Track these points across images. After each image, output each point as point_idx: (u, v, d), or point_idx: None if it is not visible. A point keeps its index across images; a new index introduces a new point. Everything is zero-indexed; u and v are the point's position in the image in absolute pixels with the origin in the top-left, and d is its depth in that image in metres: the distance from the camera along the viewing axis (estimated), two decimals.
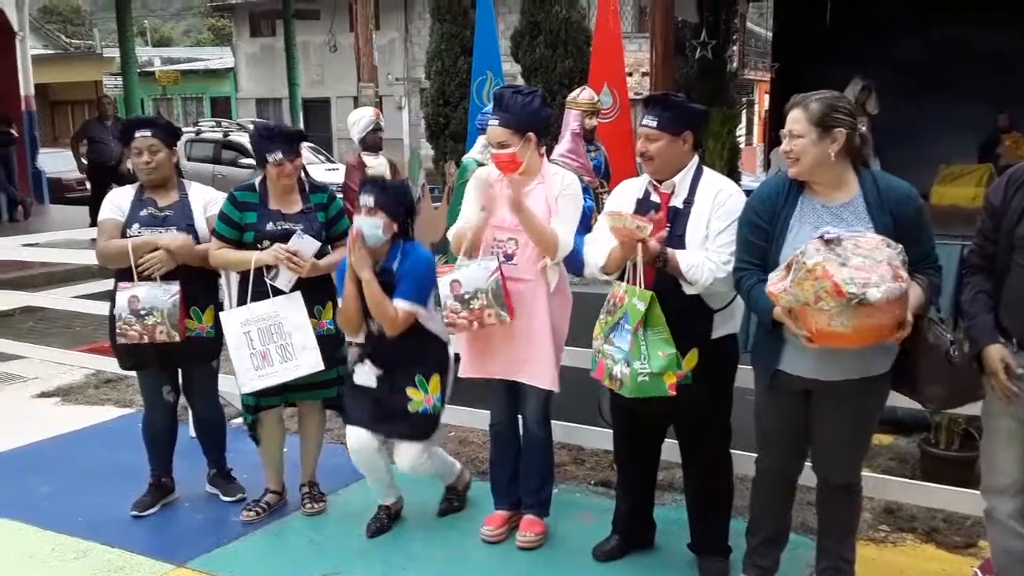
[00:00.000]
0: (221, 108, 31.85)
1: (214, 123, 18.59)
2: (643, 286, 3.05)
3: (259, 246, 3.66)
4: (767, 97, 14.61)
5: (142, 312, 3.68)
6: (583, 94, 5.43)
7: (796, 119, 2.80)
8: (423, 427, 3.61)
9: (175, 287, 3.70)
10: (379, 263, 3.52)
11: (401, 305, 3.46)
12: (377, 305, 3.45)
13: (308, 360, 3.68)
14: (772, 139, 7.55)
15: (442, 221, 6.46)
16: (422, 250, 3.61)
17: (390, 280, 3.49)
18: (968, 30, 6.45)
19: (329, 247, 3.79)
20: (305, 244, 3.65)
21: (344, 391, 3.75)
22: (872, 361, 2.80)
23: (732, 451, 3.38)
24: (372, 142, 5.95)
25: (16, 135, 13.80)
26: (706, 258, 3.06)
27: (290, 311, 3.67)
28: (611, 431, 3.60)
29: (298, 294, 3.68)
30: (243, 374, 3.68)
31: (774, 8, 7.96)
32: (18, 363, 6.52)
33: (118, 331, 3.73)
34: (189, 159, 16.17)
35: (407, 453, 3.63)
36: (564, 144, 5.31)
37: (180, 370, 4.03)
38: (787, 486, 3.12)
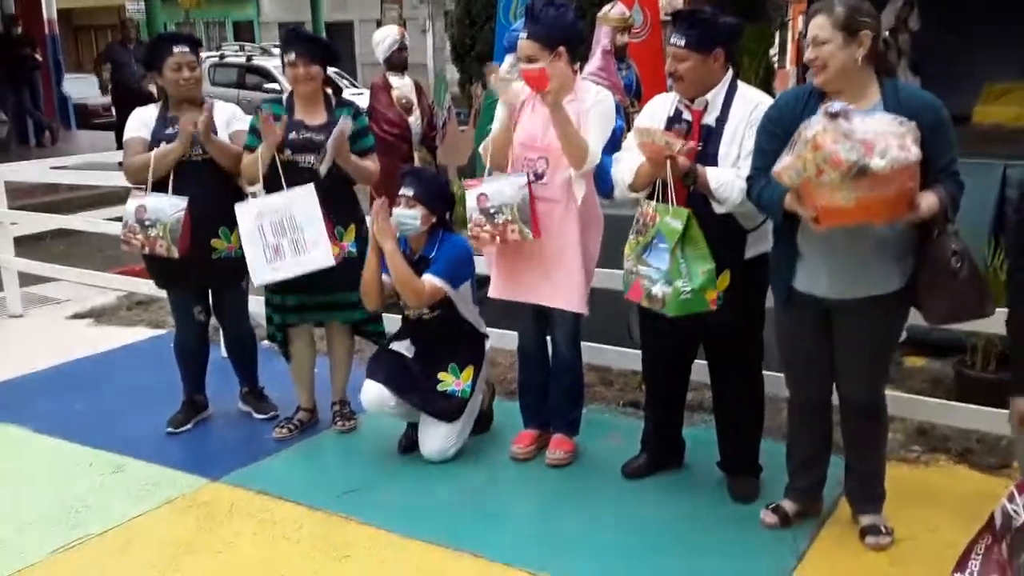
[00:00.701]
0: (244, 32, 31.51)
1: (237, 47, 18.42)
2: (674, 203, 2.98)
3: (279, 156, 3.63)
4: (801, 19, 14.13)
5: (147, 222, 3.66)
6: (614, 9, 5.25)
7: (820, 25, 2.68)
8: (449, 408, 3.64)
9: (182, 202, 3.66)
10: (417, 252, 3.59)
11: (429, 279, 3.49)
12: (401, 275, 3.46)
13: (319, 255, 3.63)
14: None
15: (468, 144, 6.37)
16: (460, 239, 3.62)
17: (426, 268, 3.54)
18: None
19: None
20: (350, 125, 3.64)
21: (374, 353, 3.81)
22: (885, 278, 2.77)
23: (764, 372, 3.35)
24: (397, 61, 5.84)
25: (40, 60, 13.70)
26: (736, 175, 2.98)
27: (303, 204, 3.62)
28: (640, 352, 3.58)
29: (311, 187, 3.61)
30: (256, 267, 3.67)
31: None
32: (52, 285, 6.60)
33: (122, 237, 3.74)
34: (213, 83, 16.10)
35: (434, 438, 3.67)
36: (594, 62, 5.16)
37: (211, 290, 4.04)
38: (817, 408, 3.09)
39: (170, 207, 3.66)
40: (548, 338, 3.67)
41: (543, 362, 3.71)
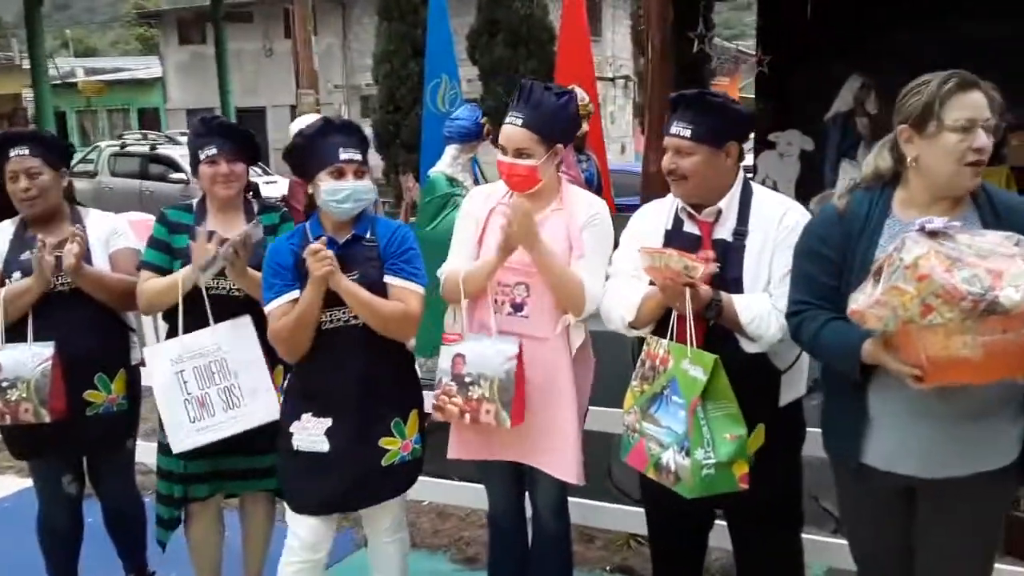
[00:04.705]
0: (149, 120, 30.49)
1: (140, 135, 17.51)
2: (694, 344, 2.28)
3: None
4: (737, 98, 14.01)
5: (4, 384, 2.81)
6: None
7: (984, 106, 2.03)
8: (406, 477, 2.74)
9: (47, 350, 2.84)
10: (341, 237, 2.62)
11: (404, 290, 2.60)
12: (377, 309, 2.54)
13: (261, 408, 2.81)
14: (759, 143, 6.92)
15: None
16: (390, 220, 2.85)
17: (366, 256, 2.60)
18: (970, 22, 5.87)
19: None
20: (258, 232, 2.85)
21: (279, 465, 2.78)
22: (994, 448, 2.08)
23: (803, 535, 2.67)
24: None
25: None
26: (772, 305, 2.34)
27: (237, 343, 2.82)
28: (628, 507, 2.98)
29: (247, 319, 2.83)
30: (176, 429, 2.81)
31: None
32: None
33: None
34: (113, 174, 15.25)
35: (386, 515, 2.78)
36: None
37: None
38: None
39: (32, 358, 2.82)
40: (528, 502, 2.89)
41: (522, 535, 2.93)
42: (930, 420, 2.06)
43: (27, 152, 2.92)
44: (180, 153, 15.15)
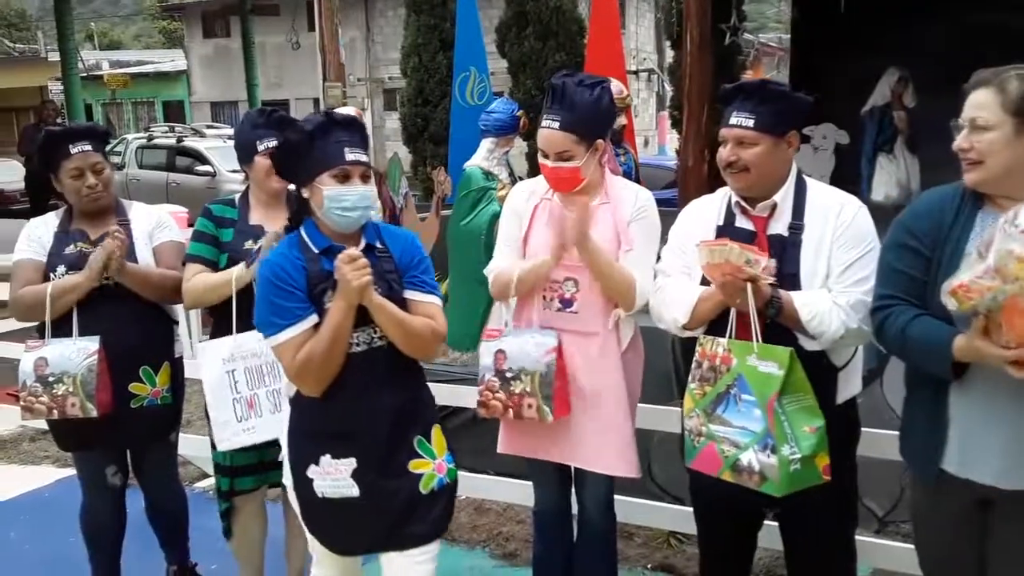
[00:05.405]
0: (174, 112, 30.71)
1: (167, 128, 17.60)
2: (760, 339, 2.24)
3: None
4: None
5: (50, 379, 2.80)
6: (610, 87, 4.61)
7: (984, 104, 2.00)
8: (446, 510, 2.41)
9: (93, 344, 2.82)
10: (350, 242, 2.31)
11: (438, 303, 2.36)
12: (408, 326, 2.25)
13: None
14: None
15: (431, 234, 5.63)
16: (399, 229, 2.58)
17: (384, 268, 2.29)
18: (1009, 14, 5.78)
19: None
20: None
21: (300, 504, 2.38)
22: None
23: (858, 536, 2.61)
24: None
25: None
26: (833, 302, 2.28)
27: None
28: (665, 503, 2.95)
29: None
30: (222, 428, 2.81)
31: None
32: None
33: (23, 403, 2.84)
34: (141, 167, 15.33)
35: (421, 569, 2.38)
36: None
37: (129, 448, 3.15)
38: None
39: (77, 353, 2.81)
40: (575, 497, 2.86)
41: (567, 531, 2.90)
42: (1010, 425, 1.98)
43: (90, 148, 2.91)
44: (206, 146, 15.21)
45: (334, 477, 2.27)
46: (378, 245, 2.31)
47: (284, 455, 2.40)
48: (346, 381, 2.24)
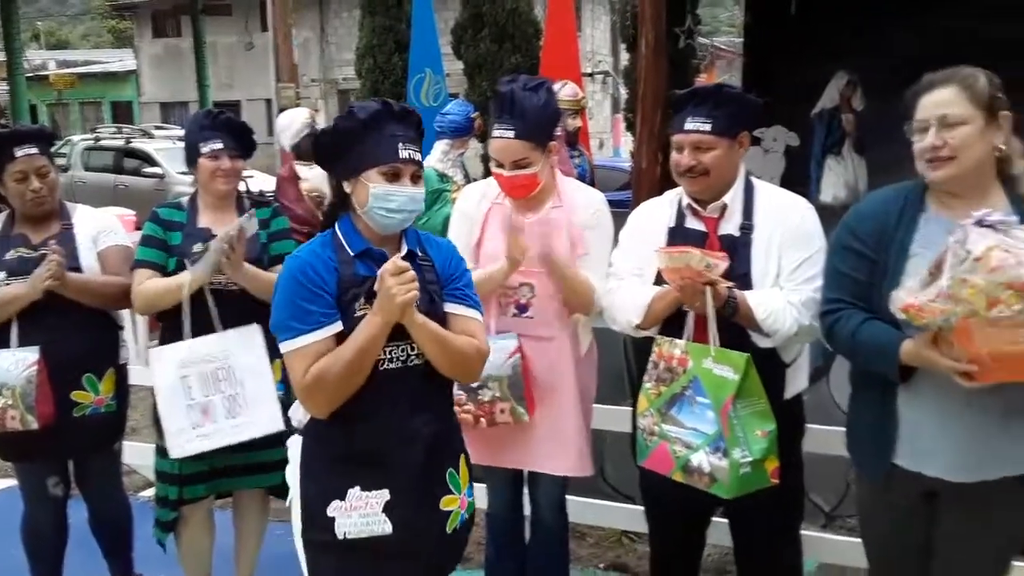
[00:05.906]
0: (123, 113, 30.12)
1: (115, 129, 17.26)
2: (717, 343, 2.26)
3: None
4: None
5: None
6: (565, 89, 4.63)
7: (952, 100, 2.02)
8: (458, 552, 2.24)
9: (32, 355, 2.76)
10: (392, 251, 2.08)
11: (481, 319, 2.16)
12: (444, 345, 2.02)
13: (263, 417, 2.75)
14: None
15: None
16: (435, 236, 2.32)
17: (425, 279, 2.05)
18: (960, 19, 5.88)
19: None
20: (253, 225, 2.77)
21: (308, 562, 2.11)
22: (1022, 453, 2.04)
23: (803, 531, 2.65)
24: (307, 149, 4.99)
25: None
26: (787, 300, 2.31)
27: (245, 350, 2.76)
28: (618, 503, 2.98)
29: (255, 328, 2.76)
30: (176, 435, 2.75)
31: None
32: None
33: None
34: (87, 169, 15.01)
35: None
36: None
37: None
38: None
39: (16, 364, 2.74)
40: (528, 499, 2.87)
41: (520, 532, 2.90)
42: (961, 422, 2.03)
43: (36, 151, 2.85)
44: (155, 147, 14.96)
45: (362, 512, 1.98)
46: (419, 252, 2.10)
47: (292, 498, 2.15)
48: (377, 401, 2.00)
